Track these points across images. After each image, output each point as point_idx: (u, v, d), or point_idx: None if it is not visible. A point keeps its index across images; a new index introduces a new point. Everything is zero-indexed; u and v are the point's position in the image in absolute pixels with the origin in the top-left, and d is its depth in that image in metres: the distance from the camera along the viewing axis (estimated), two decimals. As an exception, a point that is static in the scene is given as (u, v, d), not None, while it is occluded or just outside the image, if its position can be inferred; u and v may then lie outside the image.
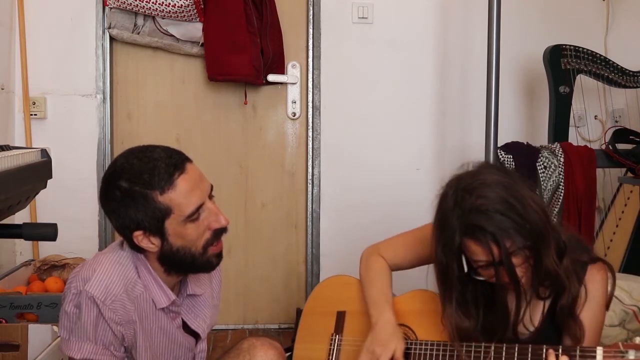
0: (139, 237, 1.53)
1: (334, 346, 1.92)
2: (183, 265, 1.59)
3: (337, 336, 1.93)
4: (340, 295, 2.00)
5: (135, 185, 1.49)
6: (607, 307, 1.72)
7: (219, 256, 1.62)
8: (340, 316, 1.95)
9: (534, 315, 1.71)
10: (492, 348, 1.62)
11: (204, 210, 1.54)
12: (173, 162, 1.52)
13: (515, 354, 1.59)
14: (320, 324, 1.98)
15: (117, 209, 1.52)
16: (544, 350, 1.55)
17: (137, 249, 1.58)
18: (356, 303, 1.94)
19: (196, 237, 1.55)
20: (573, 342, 1.65)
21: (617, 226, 3.05)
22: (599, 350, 1.49)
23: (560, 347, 1.56)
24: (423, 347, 1.73)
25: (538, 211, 1.58)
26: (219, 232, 1.58)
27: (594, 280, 1.68)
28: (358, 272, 1.99)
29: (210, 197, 1.59)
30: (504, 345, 1.62)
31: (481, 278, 1.63)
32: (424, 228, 1.85)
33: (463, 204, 1.56)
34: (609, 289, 1.70)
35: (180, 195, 1.51)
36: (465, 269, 1.62)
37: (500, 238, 1.53)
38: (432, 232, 1.67)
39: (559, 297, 1.66)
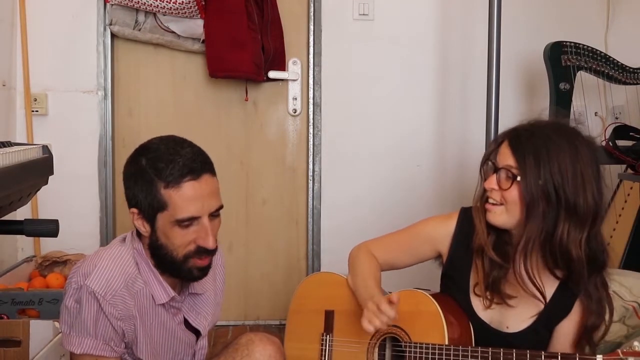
0: (134, 214, 1.58)
1: (325, 346, 1.91)
2: (165, 263, 1.59)
3: (328, 336, 1.92)
4: (327, 293, 1.97)
5: (149, 168, 1.54)
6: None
7: (202, 270, 1.61)
8: (329, 315, 1.93)
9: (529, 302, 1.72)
10: (490, 353, 1.62)
11: (197, 224, 1.55)
12: (192, 165, 1.54)
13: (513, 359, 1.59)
14: (309, 323, 1.96)
15: (129, 179, 1.59)
16: (542, 357, 1.56)
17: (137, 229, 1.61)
18: (345, 302, 1.91)
19: (179, 245, 1.56)
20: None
21: (617, 222, 3.04)
22: (599, 358, 1.49)
23: (559, 354, 1.56)
24: (418, 349, 1.72)
25: (591, 193, 1.59)
26: (202, 251, 1.58)
27: None
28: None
29: (214, 216, 1.58)
30: (501, 350, 1.61)
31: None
32: (418, 224, 1.86)
33: None
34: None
35: (180, 198, 1.52)
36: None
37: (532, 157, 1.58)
38: None
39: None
